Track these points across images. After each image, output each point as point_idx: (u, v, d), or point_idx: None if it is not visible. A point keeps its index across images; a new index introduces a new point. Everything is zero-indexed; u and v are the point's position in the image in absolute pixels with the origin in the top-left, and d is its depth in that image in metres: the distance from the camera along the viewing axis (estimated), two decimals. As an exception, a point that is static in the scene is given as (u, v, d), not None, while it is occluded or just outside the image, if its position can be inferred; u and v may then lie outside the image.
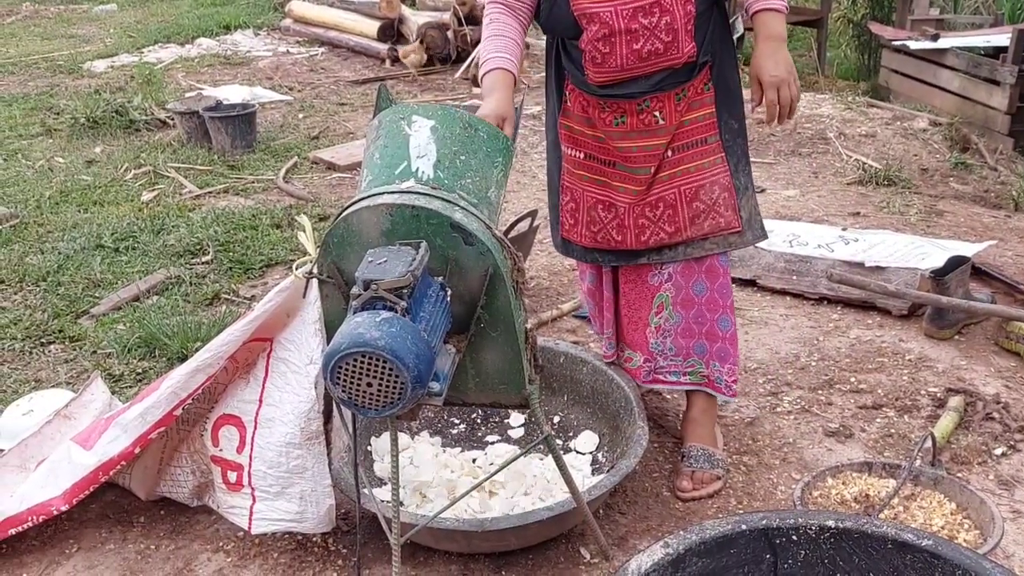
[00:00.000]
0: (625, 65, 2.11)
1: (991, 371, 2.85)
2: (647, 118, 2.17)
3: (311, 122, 5.91)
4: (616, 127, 2.20)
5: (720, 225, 2.25)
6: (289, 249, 3.88)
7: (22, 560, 2.22)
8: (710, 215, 2.24)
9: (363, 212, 1.74)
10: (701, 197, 2.23)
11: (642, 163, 2.21)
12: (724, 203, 2.24)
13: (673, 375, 2.39)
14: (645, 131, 2.18)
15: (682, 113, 2.17)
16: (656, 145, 2.19)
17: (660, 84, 2.13)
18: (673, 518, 2.28)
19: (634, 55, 2.09)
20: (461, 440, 2.58)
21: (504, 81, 2.11)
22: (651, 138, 2.19)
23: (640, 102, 2.15)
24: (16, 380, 3.00)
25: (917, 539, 1.49)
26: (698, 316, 2.33)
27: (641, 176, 2.22)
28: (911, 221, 4.04)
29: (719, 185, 2.23)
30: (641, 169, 2.22)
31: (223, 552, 2.22)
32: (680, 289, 2.31)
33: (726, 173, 2.24)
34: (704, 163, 2.22)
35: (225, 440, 2.15)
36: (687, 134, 2.20)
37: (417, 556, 2.16)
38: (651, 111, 2.16)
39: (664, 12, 2.06)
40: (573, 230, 2.37)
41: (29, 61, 7.71)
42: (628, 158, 2.22)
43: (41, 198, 4.59)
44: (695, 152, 2.21)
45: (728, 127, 2.24)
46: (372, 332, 1.54)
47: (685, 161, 2.21)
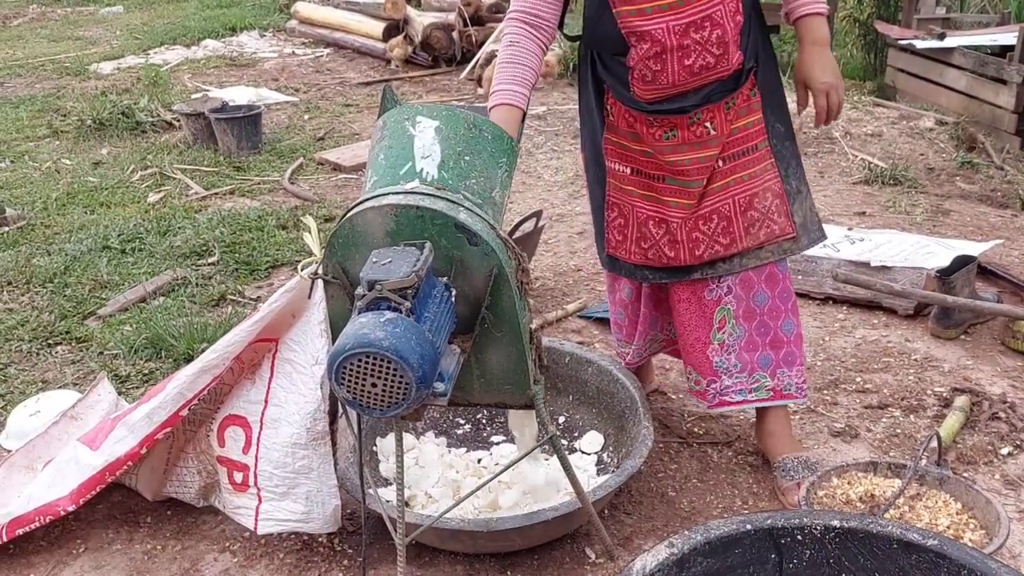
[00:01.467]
0: (676, 81, 2.07)
1: (997, 371, 2.85)
2: (698, 130, 2.13)
3: (317, 123, 5.93)
4: (666, 141, 2.15)
5: (775, 232, 2.20)
6: (295, 250, 3.89)
7: (30, 560, 2.23)
8: (764, 223, 2.20)
9: (368, 213, 1.75)
10: (755, 205, 2.19)
11: (695, 176, 2.16)
12: (777, 209, 2.20)
13: (739, 394, 2.32)
14: (696, 143, 2.14)
15: (732, 122, 2.14)
16: (708, 156, 2.14)
17: (709, 95, 2.09)
18: (678, 518, 2.28)
19: (686, 71, 2.05)
20: (466, 440, 2.59)
21: (510, 120, 2.05)
22: (703, 150, 2.14)
23: (691, 115, 2.11)
24: (23, 381, 3.01)
25: (922, 539, 1.49)
26: (760, 327, 2.28)
27: (694, 189, 2.17)
28: (917, 221, 4.03)
29: (771, 192, 2.19)
30: (694, 182, 2.16)
31: (229, 552, 2.23)
32: (741, 301, 2.25)
33: (777, 179, 2.20)
34: (756, 170, 2.18)
35: (231, 441, 2.16)
36: (737, 142, 2.16)
37: (423, 556, 2.17)
38: (702, 123, 2.12)
39: (715, 26, 2.02)
40: (621, 247, 2.31)
41: (36, 63, 7.74)
42: (680, 172, 2.16)
43: (48, 200, 4.61)
44: (746, 160, 2.17)
45: (775, 131, 2.20)
46: (376, 332, 1.55)
47: (737, 170, 2.17)
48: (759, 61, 2.15)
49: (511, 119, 2.06)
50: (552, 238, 3.97)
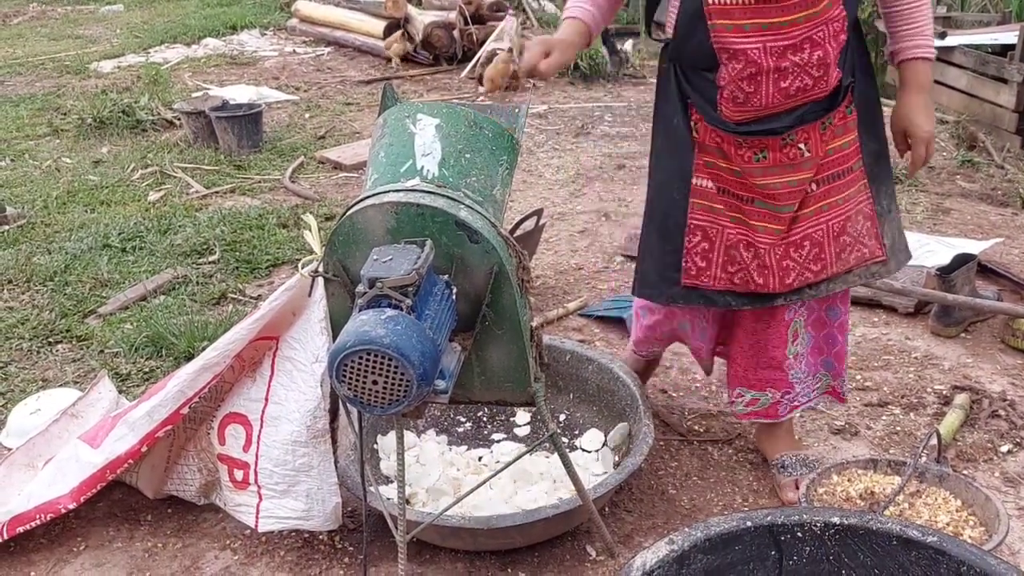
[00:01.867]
0: (769, 104, 1.95)
1: (997, 369, 2.85)
2: (791, 152, 2.00)
3: (317, 122, 5.93)
4: (756, 163, 2.01)
5: (865, 256, 2.11)
6: (295, 249, 3.89)
7: (30, 558, 2.23)
8: (856, 247, 2.10)
9: (368, 210, 1.75)
10: (848, 230, 2.08)
11: (785, 200, 2.03)
12: (868, 232, 2.10)
13: (805, 396, 2.30)
14: (789, 165, 2.00)
15: (827, 142, 2.02)
16: (801, 180, 2.02)
17: (804, 116, 1.98)
18: (679, 516, 2.28)
19: (781, 93, 1.94)
20: (467, 438, 2.59)
21: (572, 28, 2.05)
22: (795, 172, 2.01)
23: (784, 137, 1.99)
24: (24, 379, 3.01)
25: (922, 536, 1.50)
26: (828, 336, 2.26)
27: (784, 214, 2.04)
28: (917, 219, 4.04)
29: (863, 214, 2.10)
30: (784, 207, 2.03)
31: (230, 550, 2.23)
32: (812, 311, 2.21)
33: (869, 200, 2.09)
34: (849, 193, 2.07)
35: (231, 438, 2.16)
36: (831, 164, 2.04)
37: (423, 554, 2.17)
38: (795, 144, 2.00)
39: (815, 47, 1.90)
40: (704, 274, 2.12)
41: (36, 62, 7.74)
42: (771, 195, 2.03)
43: (48, 198, 4.61)
44: (841, 184, 2.06)
45: (869, 150, 2.08)
46: (377, 330, 1.55)
47: (832, 193, 2.06)
48: (856, 75, 2.03)
49: (575, 28, 2.05)
50: (553, 236, 3.97)
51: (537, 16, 8.17)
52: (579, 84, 6.59)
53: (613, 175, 4.79)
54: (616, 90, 6.46)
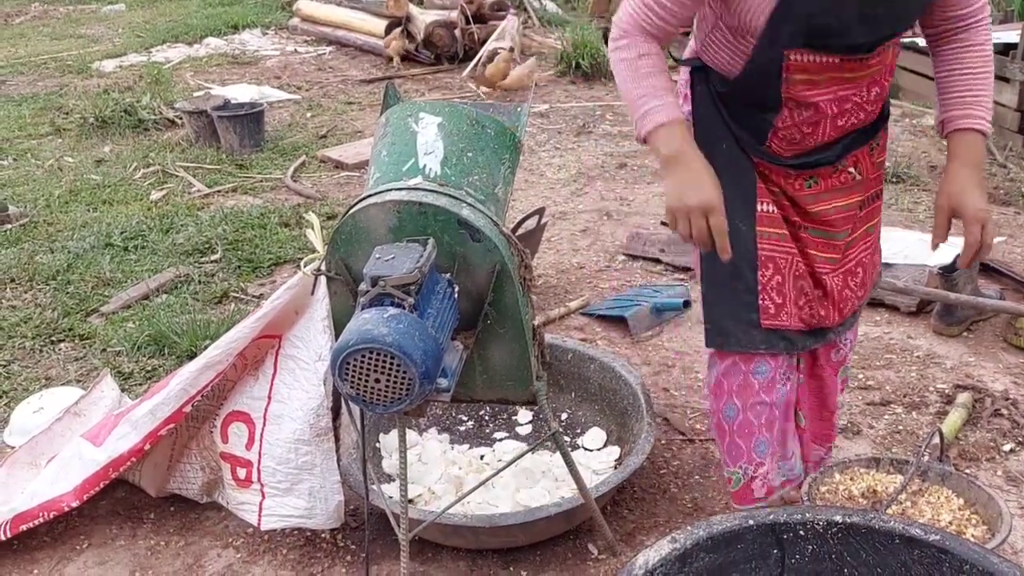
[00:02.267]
0: (823, 141, 1.85)
1: (1000, 367, 2.85)
2: (843, 176, 1.89)
3: (319, 121, 5.93)
4: (808, 190, 1.89)
5: (879, 268, 2.08)
6: (297, 248, 3.90)
7: (33, 556, 2.24)
8: (878, 264, 2.07)
9: (371, 209, 1.75)
10: (879, 247, 2.05)
11: (841, 226, 1.91)
12: (877, 250, 2.07)
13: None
14: (841, 189, 1.89)
15: (876, 166, 1.95)
16: (855, 203, 1.92)
17: (851, 144, 1.87)
18: (681, 514, 2.28)
19: (837, 131, 1.83)
20: (469, 437, 2.59)
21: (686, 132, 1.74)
22: (849, 196, 1.90)
23: (835, 164, 1.88)
24: (26, 378, 3.02)
25: (924, 534, 1.49)
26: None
27: (839, 241, 1.92)
28: (919, 218, 4.03)
29: (878, 228, 2.04)
30: (840, 233, 1.91)
31: (232, 548, 2.23)
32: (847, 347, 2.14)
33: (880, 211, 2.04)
34: (879, 210, 2.01)
35: (234, 437, 2.17)
36: (873, 183, 1.96)
37: (425, 552, 2.17)
38: (846, 169, 1.89)
39: (874, 84, 1.80)
40: (782, 312, 1.89)
41: (38, 61, 7.75)
42: (826, 223, 1.90)
43: (51, 197, 4.62)
44: (876, 206, 2.00)
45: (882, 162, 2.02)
46: (380, 328, 1.55)
47: (874, 214, 1.99)
48: None
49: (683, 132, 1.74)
50: (555, 236, 3.97)
51: (539, 15, 8.16)
52: (580, 83, 6.59)
53: (615, 174, 4.79)
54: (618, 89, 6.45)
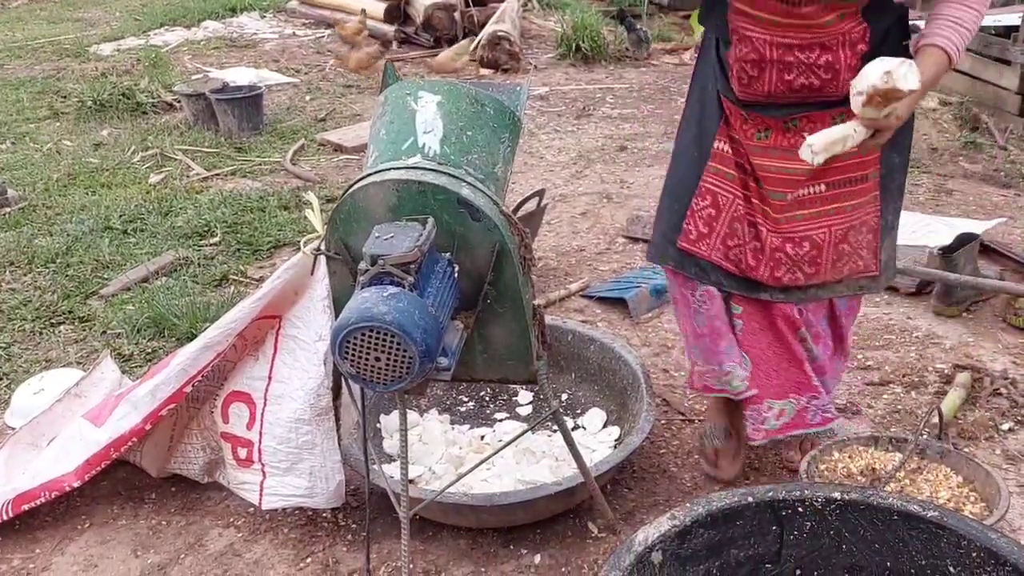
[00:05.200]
0: (773, 92, 1.91)
1: (999, 347, 2.85)
2: (794, 138, 1.92)
3: (318, 104, 5.91)
4: (757, 141, 1.98)
5: (858, 268, 2.05)
6: (297, 230, 3.89)
7: (35, 535, 2.25)
8: (852, 258, 2.04)
9: (370, 188, 1.75)
10: (849, 239, 2.02)
11: (776, 186, 1.97)
12: (867, 246, 2.04)
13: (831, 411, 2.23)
14: (789, 151, 1.92)
15: None
16: (797, 171, 1.94)
17: (814, 106, 1.91)
18: (680, 493, 2.29)
19: (785, 85, 1.89)
20: (469, 417, 2.60)
21: None
22: (792, 162, 1.92)
23: (787, 120, 1.93)
24: (27, 360, 3.02)
25: (922, 510, 1.50)
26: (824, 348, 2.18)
27: (775, 201, 1.98)
28: (920, 200, 4.03)
29: (867, 227, 2.03)
30: (775, 193, 1.97)
31: (234, 527, 2.24)
32: (811, 325, 2.14)
33: (876, 214, 2.02)
34: (859, 202, 2.00)
35: (235, 417, 2.17)
36: (844, 169, 1.95)
37: (426, 531, 2.18)
38: (799, 131, 1.92)
39: (825, 51, 1.85)
40: (702, 241, 2.06)
41: (35, 45, 7.71)
42: (767, 178, 1.98)
43: (49, 181, 4.61)
44: (853, 190, 1.99)
45: (889, 162, 2.00)
46: (380, 307, 1.55)
47: (841, 199, 1.98)
48: None
49: None
50: (555, 218, 3.97)
51: (539, -3, 8.12)
52: (580, 66, 6.56)
53: (615, 157, 4.78)
54: (618, 71, 6.44)
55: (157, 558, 2.16)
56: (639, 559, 1.45)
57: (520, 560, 2.10)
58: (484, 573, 2.07)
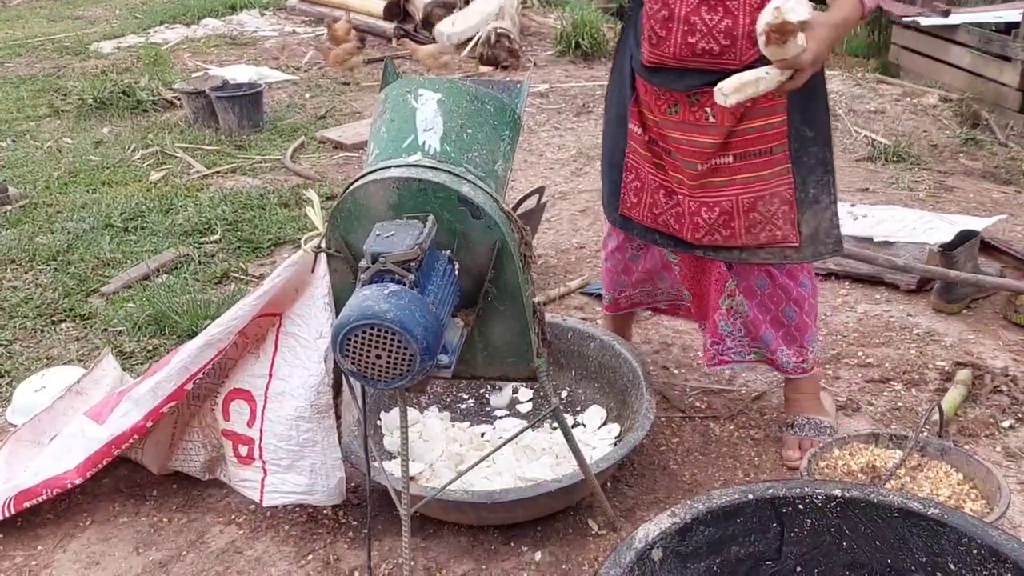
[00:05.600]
0: (678, 55, 2.03)
1: (999, 345, 2.85)
2: (698, 113, 2.06)
3: (318, 102, 5.91)
4: (669, 115, 2.12)
5: (776, 238, 2.13)
6: (297, 228, 3.89)
7: (37, 533, 2.25)
8: (767, 227, 2.13)
9: (370, 186, 1.75)
10: (759, 208, 2.11)
11: (688, 158, 2.12)
12: (783, 216, 2.12)
13: (738, 355, 2.36)
14: (695, 126, 2.08)
15: (738, 118, 2.04)
16: (706, 143, 2.07)
17: (712, 81, 1.94)
18: (680, 490, 2.30)
19: (688, 48, 2.01)
20: (470, 415, 2.60)
21: None
22: (702, 134, 2.07)
23: (691, 94, 2.05)
24: (28, 357, 3.02)
25: (923, 508, 1.50)
26: (761, 306, 2.27)
27: (690, 171, 2.14)
28: (920, 197, 4.03)
29: (779, 198, 2.10)
30: (688, 164, 2.13)
31: (235, 524, 2.24)
32: (743, 279, 2.25)
33: (789, 186, 2.10)
34: (765, 174, 2.09)
35: (236, 414, 2.17)
36: (749, 142, 2.07)
37: (426, 528, 2.18)
38: (703, 106, 2.04)
39: (727, 15, 1.95)
40: (635, 209, 2.31)
41: (36, 43, 7.71)
42: (680, 150, 2.15)
43: (50, 179, 4.61)
44: (758, 162, 2.09)
45: (800, 136, 2.08)
46: (380, 304, 1.55)
47: (746, 170, 2.09)
48: None
49: None
50: (554, 216, 3.97)
51: (538, -5, 8.12)
52: (580, 63, 6.56)
53: (615, 154, 4.77)
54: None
55: (159, 555, 2.16)
56: (639, 556, 1.45)
57: (521, 557, 2.10)
58: (485, 570, 2.07)
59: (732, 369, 2.66)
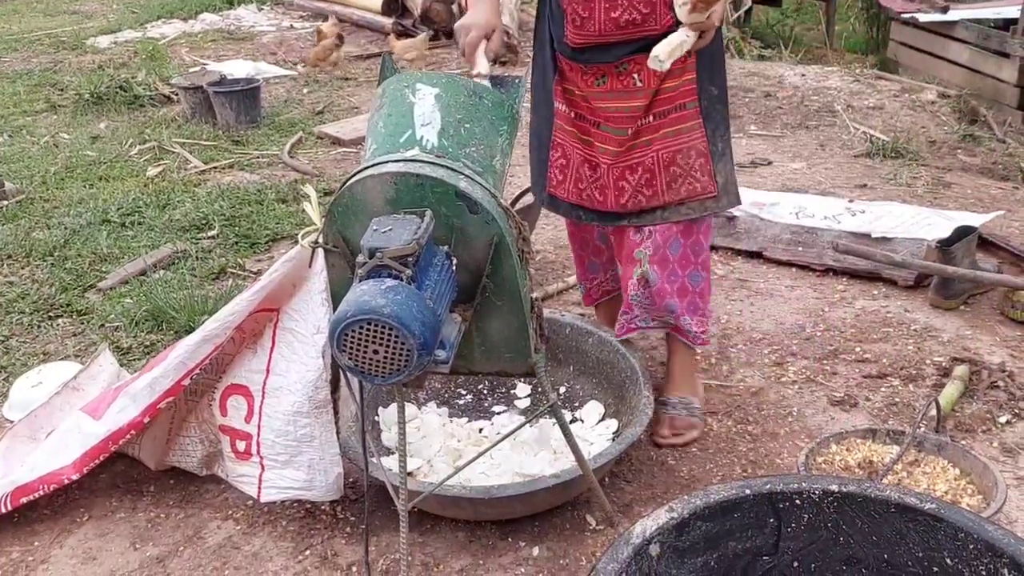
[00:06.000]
0: (603, 31, 2.16)
1: (996, 340, 2.86)
2: (626, 80, 2.21)
3: (315, 97, 5.90)
4: (597, 87, 2.25)
5: (696, 190, 2.29)
6: (295, 224, 3.89)
7: (34, 528, 2.25)
8: (687, 180, 2.28)
9: (368, 181, 1.74)
10: (678, 162, 2.26)
11: (621, 124, 2.25)
12: (700, 168, 2.27)
13: (643, 322, 2.45)
14: (624, 92, 2.22)
15: (661, 79, 2.20)
16: (635, 107, 2.23)
17: (638, 48, 2.15)
18: (678, 486, 2.30)
19: (612, 23, 2.14)
20: (468, 410, 2.60)
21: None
22: (630, 99, 2.23)
23: (618, 64, 2.20)
24: (25, 353, 3.02)
25: (920, 502, 1.50)
26: (671, 275, 2.37)
27: (620, 137, 2.26)
28: (918, 193, 4.03)
29: (695, 150, 2.26)
30: (620, 130, 2.26)
31: (232, 520, 2.24)
32: (658, 248, 2.34)
33: (703, 139, 2.26)
34: (682, 128, 2.25)
35: (233, 409, 2.17)
36: (666, 100, 2.23)
37: (424, 524, 2.18)
38: (629, 74, 2.20)
39: None
40: (561, 186, 2.40)
41: (32, 37, 7.69)
42: (609, 118, 2.26)
43: (47, 174, 4.60)
44: (673, 118, 2.25)
45: (707, 93, 2.25)
46: (378, 300, 1.55)
47: (664, 126, 2.25)
48: None
49: None
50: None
51: (536, -10, 8.10)
52: (579, 59, 6.54)
53: (613, 150, 4.77)
54: None
55: (156, 551, 2.16)
56: (637, 551, 1.45)
57: (518, 552, 2.10)
58: (482, 565, 2.07)
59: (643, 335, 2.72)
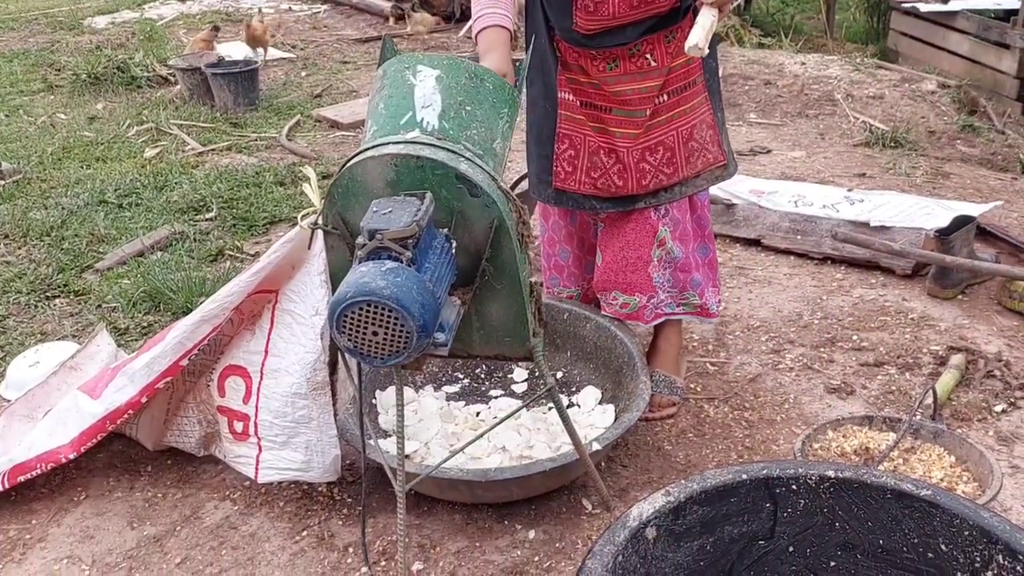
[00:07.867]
0: (617, 13, 2.16)
1: (993, 330, 2.86)
2: (639, 61, 2.23)
3: (314, 80, 5.88)
4: (610, 72, 2.25)
5: (710, 161, 2.35)
6: (292, 206, 3.88)
7: (31, 507, 2.25)
8: (702, 153, 2.34)
9: (368, 162, 1.74)
10: (695, 136, 2.31)
11: (638, 105, 2.26)
12: (711, 139, 2.34)
13: (669, 307, 2.46)
14: (638, 74, 2.24)
15: (672, 56, 2.22)
16: (651, 87, 2.24)
17: (650, 28, 2.18)
18: (674, 471, 2.31)
19: (626, 4, 2.15)
20: (465, 394, 2.60)
21: (500, 39, 2.14)
22: (645, 80, 2.24)
23: (631, 47, 2.21)
24: (22, 333, 3.02)
25: (916, 489, 1.51)
26: (693, 249, 2.43)
27: (639, 119, 2.27)
28: (917, 183, 4.03)
29: (706, 123, 2.33)
30: (638, 112, 2.27)
31: (230, 500, 2.25)
32: (677, 224, 2.38)
33: (710, 111, 2.33)
34: (694, 104, 2.30)
35: (231, 390, 2.17)
36: (678, 78, 2.26)
37: (421, 506, 2.19)
38: (642, 55, 2.22)
39: None
40: (570, 178, 2.38)
41: (29, 17, 7.65)
42: (624, 101, 2.26)
43: (44, 154, 4.58)
44: (687, 95, 2.29)
45: (708, 67, 2.31)
46: (377, 281, 1.55)
47: (680, 104, 2.28)
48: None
49: (502, 38, 2.14)
50: (551, 197, 3.95)
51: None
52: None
53: (612, 136, 4.75)
54: None
55: (153, 530, 2.17)
56: (633, 535, 1.46)
57: (515, 535, 2.11)
58: (479, 548, 2.08)
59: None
